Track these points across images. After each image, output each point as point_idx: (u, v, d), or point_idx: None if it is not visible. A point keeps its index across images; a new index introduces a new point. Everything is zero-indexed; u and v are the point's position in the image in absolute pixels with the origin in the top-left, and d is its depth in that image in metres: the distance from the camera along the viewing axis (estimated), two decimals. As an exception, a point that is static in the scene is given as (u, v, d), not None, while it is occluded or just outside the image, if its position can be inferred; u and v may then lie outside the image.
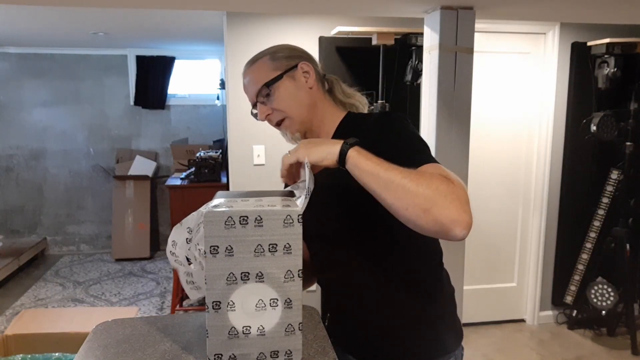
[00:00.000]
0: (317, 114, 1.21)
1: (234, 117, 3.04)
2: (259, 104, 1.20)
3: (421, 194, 0.89)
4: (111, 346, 1.03)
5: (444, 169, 0.98)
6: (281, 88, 1.18)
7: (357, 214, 1.13)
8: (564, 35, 3.29)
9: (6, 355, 2.38)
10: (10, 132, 5.06)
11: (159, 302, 4.01)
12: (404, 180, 0.90)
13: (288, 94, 1.18)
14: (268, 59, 1.21)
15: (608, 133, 3.18)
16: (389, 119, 1.14)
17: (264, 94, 1.18)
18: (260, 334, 0.89)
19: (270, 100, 1.18)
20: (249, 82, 1.21)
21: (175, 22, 3.51)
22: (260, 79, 1.18)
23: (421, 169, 0.98)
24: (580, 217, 3.45)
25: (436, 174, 0.93)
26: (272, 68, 1.19)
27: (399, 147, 1.07)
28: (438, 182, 0.90)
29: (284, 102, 1.18)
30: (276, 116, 1.19)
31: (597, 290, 3.24)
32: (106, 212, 5.24)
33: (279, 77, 1.18)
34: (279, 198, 0.94)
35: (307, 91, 1.20)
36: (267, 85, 1.17)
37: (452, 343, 1.22)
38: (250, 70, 1.22)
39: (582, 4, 2.16)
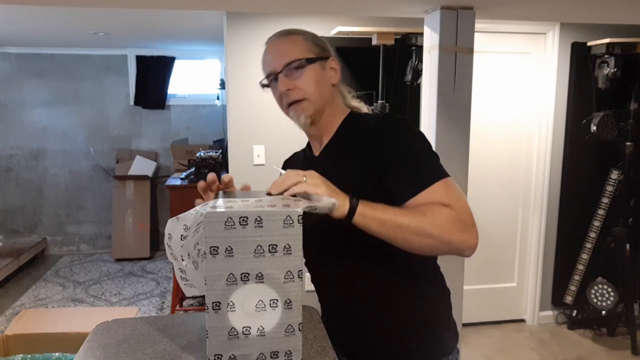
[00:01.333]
0: (329, 109, 1.22)
1: (234, 117, 3.04)
2: (282, 75, 1.17)
3: (431, 234, 0.98)
4: (111, 346, 1.03)
5: (448, 189, 1.03)
6: (312, 70, 1.17)
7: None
8: (564, 35, 3.28)
9: (6, 355, 2.38)
10: (10, 132, 5.06)
11: (159, 302, 4.01)
12: (408, 225, 0.99)
13: (316, 79, 1.17)
14: (304, 38, 1.20)
15: (608, 133, 3.17)
16: (391, 123, 1.13)
17: (295, 66, 1.16)
18: (260, 334, 0.89)
19: (296, 76, 1.17)
20: (279, 52, 1.19)
21: (175, 22, 3.51)
22: (294, 52, 1.17)
23: (427, 193, 1.02)
24: (580, 217, 3.45)
25: (439, 208, 1.00)
26: (307, 48, 1.18)
27: (402, 158, 1.07)
28: (443, 217, 0.99)
29: (311, 84, 1.17)
30: (297, 94, 1.17)
31: (597, 290, 3.24)
32: (106, 212, 5.24)
33: (314, 59, 1.18)
34: (279, 198, 0.94)
35: (329, 86, 1.21)
36: (306, 60, 1.16)
37: (450, 345, 1.22)
38: (282, 41, 1.20)
39: (582, 4, 2.16)
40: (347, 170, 1.13)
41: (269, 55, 1.22)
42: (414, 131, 1.12)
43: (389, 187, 1.07)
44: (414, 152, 1.08)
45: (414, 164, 1.07)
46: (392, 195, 1.06)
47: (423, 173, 1.05)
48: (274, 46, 1.22)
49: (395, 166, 1.07)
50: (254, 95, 3.02)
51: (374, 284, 1.16)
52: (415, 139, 1.11)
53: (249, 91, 3.01)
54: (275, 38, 1.23)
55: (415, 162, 1.07)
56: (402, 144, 1.09)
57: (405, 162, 1.07)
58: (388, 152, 1.08)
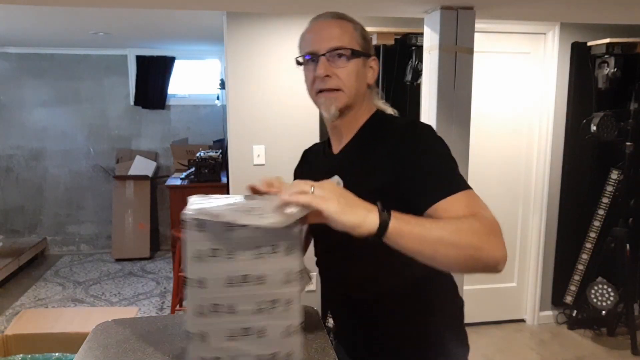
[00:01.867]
0: (358, 106, 1.17)
1: (234, 117, 3.03)
2: (324, 59, 1.11)
3: (471, 245, 0.89)
4: (111, 346, 1.03)
5: (473, 199, 0.98)
6: (355, 64, 1.12)
7: None
8: (564, 35, 3.28)
9: (6, 355, 2.38)
10: (10, 132, 5.06)
11: (159, 302, 4.01)
12: (448, 238, 0.89)
13: (356, 73, 1.13)
14: (354, 28, 1.15)
15: (608, 133, 3.17)
16: (418, 129, 1.09)
17: (340, 54, 1.11)
18: (260, 335, 0.89)
19: (338, 65, 1.11)
20: (328, 34, 1.12)
21: (175, 22, 3.51)
22: (343, 39, 1.11)
23: (450, 200, 0.97)
24: (580, 217, 3.45)
25: (469, 218, 0.93)
26: (355, 40, 1.13)
27: (427, 165, 1.03)
28: (476, 227, 0.91)
29: (351, 77, 1.12)
30: (334, 83, 1.11)
31: (597, 290, 3.24)
32: (106, 212, 5.24)
33: (360, 53, 1.13)
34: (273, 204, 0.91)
35: (365, 84, 1.17)
36: (353, 52, 1.11)
37: (460, 356, 1.20)
38: (333, 23, 1.14)
39: (582, 4, 2.16)
40: (366, 172, 1.09)
41: (314, 33, 1.14)
42: (439, 139, 1.08)
43: (409, 193, 1.01)
44: (439, 160, 1.04)
45: (439, 172, 1.02)
46: (410, 202, 0.99)
47: (447, 181, 1.00)
48: (323, 26, 1.14)
49: (419, 172, 1.02)
50: (254, 95, 3.02)
51: (383, 289, 1.13)
52: (441, 148, 1.07)
53: (249, 91, 3.01)
54: (325, 18, 1.15)
55: (439, 169, 1.03)
56: (428, 151, 1.05)
57: (430, 169, 1.02)
58: (413, 158, 1.03)
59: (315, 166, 1.28)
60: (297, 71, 1.19)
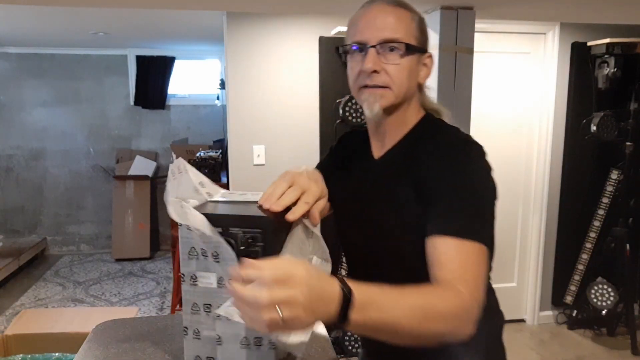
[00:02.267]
0: (405, 107, 1.05)
1: (234, 117, 3.03)
2: (373, 51, 0.98)
3: (432, 333, 0.80)
4: (111, 346, 1.03)
5: (476, 260, 0.87)
6: (409, 60, 1.00)
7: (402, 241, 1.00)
8: (564, 35, 3.28)
9: (6, 355, 2.38)
10: (10, 132, 5.06)
11: (159, 302, 4.01)
12: (410, 326, 0.78)
13: (409, 70, 1.01)
14: (412, 18, 1.02)
15: (608, 133, 3.17)
16: (468, 155, 0.96)
17: (392, 48, 0.98)
18: (257, 343, 0.88)
19: (390, 59, 0.99)
20: (381, 22, 0.99)
21: (175, 22, 3.51)
22: (399, 31, 0.98)
23: (457, 244, 0.87)
24: (580, 217, 3.45)
25: (444, 292, 0.83)
26: (412, 32, 1.01)
27: (456, 198, 0.92)
28: (446, 309, 0.80)
29: (402, 75, 1.00)
30: (383, 79, 0.99)
31: (597, 290, 3.24)
32: (106, 212, 5.24)
33: (415, 49, 1.01)
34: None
35: (416, 83, 1.05)
36: (408, 47, 0.98)
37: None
38: (389, 11, 1.00)
39: (582, 4, 2.16)
40: (403, 185, 0.99)
41: (365, 20, 1.02)
42: (486, 173, 0.97)
43: (429, 213, 0.93)
44: (473, 197, 0.93)
45: (463, 207, 0.91)
46: (426, 226, 0.93)
47: (464, 221, 0.90)
48: (377, 12, 1.01)
49: (446, 197, 0.92)
50: (254, 95, 3.02)
51: None
52: (482, 184, 0.95)
53: (249, 91, 3.01)
54: (381, 3, 1.02)
55: (465, 205, 0.91)
56: (467, 183, 0.93)
57: (457, 201, 0.91)
58: (450, 181, 0.93)
59: (353, 171, 1.14)
60: (297, 71, 1.17)
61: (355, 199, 1.08)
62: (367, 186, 1.06)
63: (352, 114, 2.92)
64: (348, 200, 1.09)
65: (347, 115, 2.92)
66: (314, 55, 3.01)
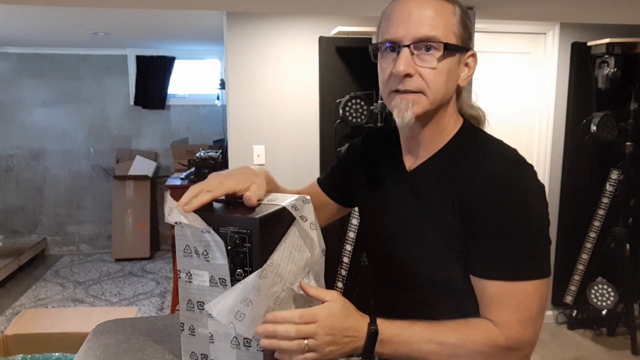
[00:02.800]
0: (441, 113, 0.94)
1: (234, 117, 3.04)
2: (407, 51, 0.87)
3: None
4: (111, 346, 1.03)
5: (527, 298, 0.84)
6: (448, 62, 0.88)
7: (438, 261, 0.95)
8: (564, 35, 3.28)
9: (6, 355, 2.38)
10: (10, 132, 5.06)
11: (159, 302, 4.01)
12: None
13: (447, 74, 0.89)
14: (453, 12, 0.89)
15: (608, 133, 3.17)
16: (518, 182, 0.87)
17: (429, 47, 0.87)
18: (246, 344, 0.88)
19: (425, 60, 0.87)
20: (417, 17, 0.87)
21: (175, 22, 3.51)
22: (437, 28, 0.87)
23: (507, 287, 0.84)
24: (580, 217, 3.45)
25: (481, 335, 0.84)
26: (453, 29, 0.89)
27: (501, 237, 0.85)
28: (478, 351, 0.83)
29: (439, 79, 0.88)
30: (416, 84, 0.88)
31: (597, 290, 3.24)
32: (106, 212, 5.24)
33: (456, 49, 0.89)
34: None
35: (455, 85, 0.93)
36: (447, 47, 0.87)
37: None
38: (431, 3, 0.88)
39: (582, 4, 2.17)
40: (444, 202, 0.90)
41: (399, 15, 0.89)
42: (537, 201, 0.88)
43: (470, 250, 0.88)
44: (520, 233, 0.85)
45: (509, 248, 0.84)
46: (471, 261, 0.88)
47: (522, 264, 0.84)
48: (412, 5, 0.88)
49: (498, 238, 0.85)
50: (254, 95, 3.02)
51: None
52: (532, 216, 0.87)
53: (249, 91, 3.02)
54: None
55: (512, 245, 0.84)
56: (521, 220, 0.85)
57: (512, 241, 0.84)
58: (500, 219, 0.85)
59: (384, 182, 1.05)
60: (297, 71, 1.15)
61: (386, 212, 1.02)
62: (401, 200, 0.99)
63: (352, 114, 2.92)
64: (378, 212, 1.05)
65: (347, 115, 2.92)
66: (314, 55, 3.01)
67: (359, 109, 2.92)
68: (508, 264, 0.84)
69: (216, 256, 0.82)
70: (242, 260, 0.81)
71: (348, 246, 3.07)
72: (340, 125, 3.00)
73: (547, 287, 0.86)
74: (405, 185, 0.99)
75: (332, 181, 1.20)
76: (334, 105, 3.00)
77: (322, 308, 0.81)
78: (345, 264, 3.08)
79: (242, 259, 0.80)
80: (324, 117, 3.06)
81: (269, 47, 3.00)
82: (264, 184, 0.89)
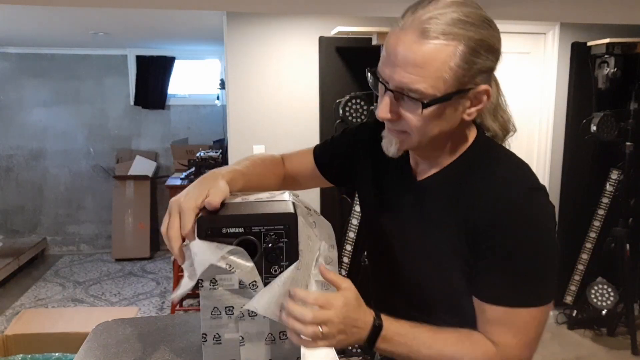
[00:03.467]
0: (445, 139, 0.90)
1: (234, 117, 3.04)
2: (389, 96, 0.82)
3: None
4: (111, 346, 1.03)
5: (535, 320, 0.84)
6: (435, 109, 0.81)
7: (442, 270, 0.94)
8: (564, 35, 3.28)
9: (6, 355, 2.38)
10: (10, 132, 5.06)
11: (159, 302, 4.01)
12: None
13: (436, 117, 0.82)
14: (453, 54, 0.78)
15: (608, 133, 3.17)
16: (529, 209, 0.83)
17: (408, 97, 0.80)
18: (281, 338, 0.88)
19: (408, 108, 0.82)
20: (404, 58, 0.78)
21: (175, 22, 3.51)
22: (426, 79, 0.78)
23: (507, 312, 0.84)
24: (580, 217, 3.45)
25: (478, 349, 0.85)
26: (448, 77, 0.78)
27: (506, 263, 0.83)
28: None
29: (424, 124, 0.82)
30: (401, 126, 0.85)
31: (597, 290, 3.24)
32: (106, 212, 5.24)
33: (445, 98, 0.80)
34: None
35: (457, 121, 0.86)
36: (429, 102, 0.79)
37: None
38: (422, 48, 0.77)
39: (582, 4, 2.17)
40: (453, 216, 0.88)
41: (389, 49, 0.81)
42: (545, 228, 0.86)
43: (479, 272, 0.87)
44: (525, 262, 0.83)
45: (513, 274, 0.83)
46: (473, 281, 0.88)
47: (524, 291, 0.84)
48: (400, 43, 0.79)
49: (502, 263, 0.84)
50: (254, 95, 3.02)
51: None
52: (545, 244, 0.85)
53: (249, 91, 3.02)
54: (410, 28, 0.78)
55: (516, 272, 0.83)
56: (526, 248, 0.83)
57: (516, 269, 0.83)
58: (505, 246, 0.83)
59: (390, 185, 1.03)
60: (297, 71, 1.14)
61: (390, 218, 1.02)
62: (406, 209, 0.98)
63: (352, 114, 2.92)
64: (381, 215, 1.04)
65: (347, 115, 2.92)
66: (314, 55, 3.01)
67: (359, 109, 2.92)
68: (511, 290, 0.84)
69: (241, 265, 0.81)
70: (278, 256, 0.81)
71: (348, 246, 3.07)
72: (340, 125, 3.00)
73: (547, 312, 0.87)
74: (411, 194, 0.97)
75: (330, 160, 1.15)
76: (334, 105, 3.00)
77: (338, 296, 0.81)
78: (345, 264, 3.08)
79: (277, 255, 0.81)
80: (324, 117, 3.06)
81: (269, 47, 3.00)
82: (221, 187, 0.85)
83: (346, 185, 1.20)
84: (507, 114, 0.99)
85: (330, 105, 3.02)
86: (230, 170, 0.96)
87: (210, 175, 0.91)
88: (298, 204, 0.87)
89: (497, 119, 0.97)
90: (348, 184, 1.17)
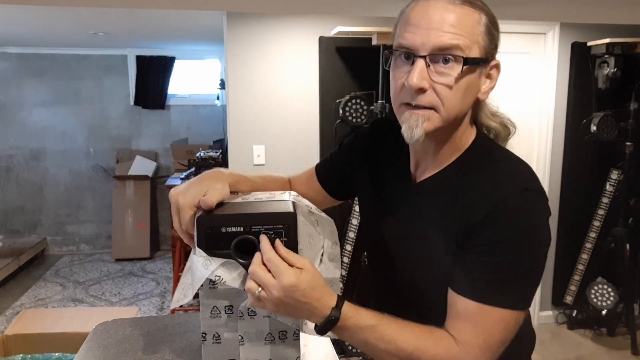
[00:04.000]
0: (457, 127, 0.89)
1: (234, 117, 3.04)
2: (422, 62, 0.80)
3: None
4: (111, 346, 1.03)
5: (505, 322, 0.82)
6: (467, 78, 0.82)
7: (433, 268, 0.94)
8: (564, 35, 3.28)
9: (6, 355, 2.38)
10: (10, 132, 5.06)
11: (159, 302, 4.01)
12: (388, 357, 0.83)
13: (465, 89, 0.82)
14: (479, 20, 0.82)
15: (608, 133, 3.17)
16: (522, 215, 0.82)
17: (448, 60, 0.79)
18: (282, 337, 0.88)
19: (442, 73, 0.80)
20: (438, 23, 0.79)
21: (175, 22, 3.51)
22: (462, 37, 0.79)
23: (479, 309, 0.82)
24: (580, 217, 3.45)
25: (440, 342, 0.83)
26: (477, 39, 0.82)
27: (489, 261, 0.82)
28: (434, 355, 0.82)
29: (455, 96, 0.82)
30: (430, 99, 0.82)
31: (597, 290, 3.24)
32: (106, 212, 5.24)
33: (478, 62, 0.83)
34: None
35: (473, 99, 0.87)
36: (467, 61, 0.79)
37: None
38: (453, 9, 0.80)
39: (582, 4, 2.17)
40: (450, 217, 0.88)
41: (418, 18, 0.80)
42: (541, 235, 0.84)
43: (459, 263, 0.86)
44: (516, 263, 0.82)
45: (493, 271, 0.82)
46: (453, 272, 0.87)
47: (499, 289, 0.82)
48: (434, 9, 0.79)
49: (482, 259, 0.83)
50: (254, 95, 3.02)
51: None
52: (534, 249, 0.84)
53: (249, 91, 3.01)
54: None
55: (496, 269, 0.82)
56: (511, 246, 0.82)
57: (496, 264, 0.82)
58: (489, 241, 0.82)
59: (388, 187, 1.03)
60: (297, 71, 1.13)
61: (388, 220, 1.02)
62: (405, 211, 0.98)
63: (352, 114, 2.92)
64: (379, 218, 1.04)
65: (347, 115, 2.92)
66: (314, 55, 3.01)
67: (359, 109, 2.93)
68: (486, 287, 0.82)
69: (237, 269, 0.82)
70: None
71: (348, 246, 3.07)
72: (340, 126, 3.00)
73: (518, 320, 0.84)
74: (410, 196, 0.97)
75: (331, 175, 1.17)
76: (334, 105, 3.00)
77: (290, 271, 0.77)
78: (345, 264, 3.08)
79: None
80: (324, 117, 3.06)
81: (269, 47, 3.00)
82: (219, 188, 0.86)
83: (351, 198, 1.20)
84: (502, 113, 1.02)
85: (330, 105, 3.02)
86: (235, 173, 0.97)
87: (212, 175, 0.92)
88: (299, 203, 0.87)
89: (494, 119, 0.99)
90: (352, 198, 1.18)
